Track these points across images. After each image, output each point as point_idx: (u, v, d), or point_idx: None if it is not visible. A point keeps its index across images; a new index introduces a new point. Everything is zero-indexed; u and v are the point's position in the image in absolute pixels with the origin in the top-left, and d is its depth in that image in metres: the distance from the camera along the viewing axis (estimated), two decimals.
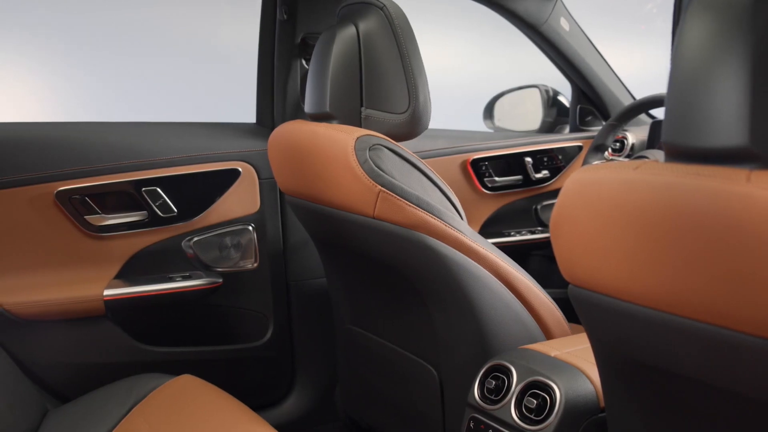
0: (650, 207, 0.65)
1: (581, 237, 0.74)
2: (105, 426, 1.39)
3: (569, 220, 0.76)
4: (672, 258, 0.63)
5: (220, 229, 1.76)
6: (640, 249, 0.67)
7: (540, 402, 1.08)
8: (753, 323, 0.59)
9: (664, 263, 0.65)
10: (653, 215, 0.65)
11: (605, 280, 0.73)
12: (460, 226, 1.27)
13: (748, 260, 0.57)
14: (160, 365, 1.68)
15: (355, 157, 1.23)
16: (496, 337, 1.28)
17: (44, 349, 1.65)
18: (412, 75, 1.31)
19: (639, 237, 0.67)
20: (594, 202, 0.72)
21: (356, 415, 1.72)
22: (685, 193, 0.62)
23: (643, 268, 0.67)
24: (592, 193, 0.73)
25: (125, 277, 1.69)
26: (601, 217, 0.71)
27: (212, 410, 1.38)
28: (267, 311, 1.84)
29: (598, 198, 0.72)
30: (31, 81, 2.50)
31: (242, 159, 1.76)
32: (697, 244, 0.61)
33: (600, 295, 0.75)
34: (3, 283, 1.60)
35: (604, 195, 0.71)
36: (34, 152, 1.61)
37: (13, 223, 1.60)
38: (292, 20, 1.74)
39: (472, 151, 2.06)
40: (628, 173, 0.69)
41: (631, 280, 0.69)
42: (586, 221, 0.73)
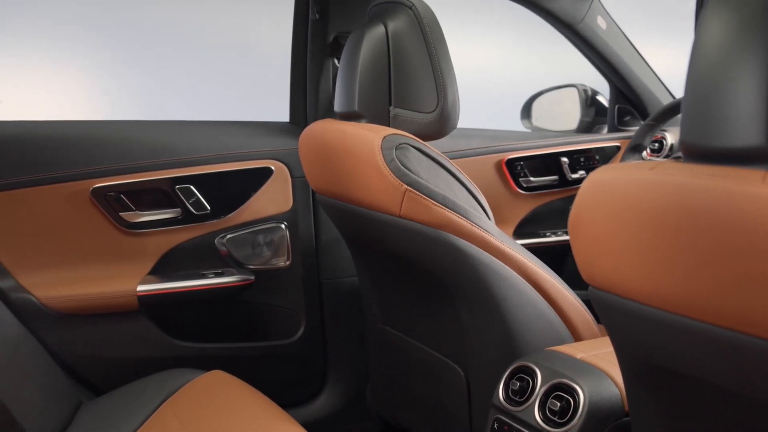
0: (663, 207, 0.64)
1: (598, 238, 0.73)
2: (137, 419, 1.41)
3: (586, 221, 0.75)
4: (683, 259, 0.62)
5: (253, 227, 1.78)
6: (653, 250, 0.66)
7: (564, 404, 1.07)
8: (764, 326, 0.57)
9: (676, 265, 0.63)
10: (666, 216, 0.64)
11: (621, 282, 0.72)
12: (486, 226, 1.26)
13: (760, 263, 0.56)
14: (191, 360, 1.70)
15: (381, 156, 1.23)
16: (523, 338, 1.27)
17: (79, 342, 1.69)
18: (441, 74, 1.31)
19: (652, 238, 0.65)
20: (609, 203, 0.71)
21: (387, 415, 1.72)
22: (697, 193, 0.61)
23: (655, 269, 0.66)
24: (608, 194, 0.71)
25: (159, 273, 1.72)
26: (616, 218, 0.70)
27: (241, 406, 1.39)
28: (299, 309, 1.85)
29: (613, 198, 0.70)
30: (71, 79, 2.55)
31: (275, 158, 1.77)
32: (708, 245, 0.60)
33: (617, 297, 0.74)
34: (40, 278, 1.64)
35: (619, 195, 0.70)
36: (71, 150, 1.65)
37: (50, 220, 1.64)
38: (324, 20, 1.75)
39: (507, 150, 2.05)
40: (644, 173, 0.68)
41: (645, 281, 0.68)
42: (602, 222, 0.72)
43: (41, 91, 2.33)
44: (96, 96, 2.63)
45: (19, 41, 2.28)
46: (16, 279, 1.62)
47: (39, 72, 2.34)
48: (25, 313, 1.61)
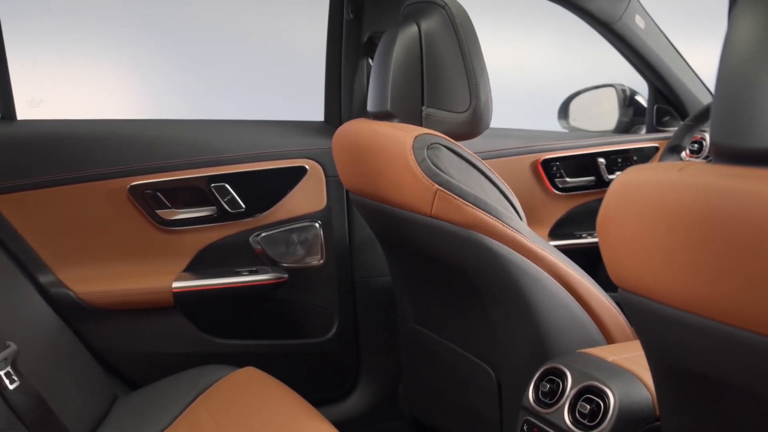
0: (689, 209, 0.63)
1: (625, 239, 0.73)
2: (170, 414, 1.44)
3: (614, 221, 0.74)
4: (709, 262, 0.61)
5: (287, 226, 1.79)
6: (679, 252, 0.65)
7: (593, 407, 1.06)
8: None
9: (702, 267, 0.62)
10: (692, 217, 0.63)
11: (648, 284, 0.71)
12: (518, 226, 1.25)
13: None
14: (225, 357, 1.72)
15: (413, 155, 1.23)
16: (554, 339, 1.26)
17: (115, 337, 1.72)
18: (474, 74, 1.30)
19: (678, 239, 0.65)
20: (637, 204, 0.70)
21: (418, 414, 1.72)
22: (724, 195, 0.60)
23: (681, 271, 0.65)
24: (636, 195, 0.71)
25: (194, 270, 1.74)
26: (644, 219, 0.69)
27: (272, 403, 1.40)
28: (332, 308, 1.86)
29: (641, 199, 0.70)
30: (112, 79, 2.59)
31: (309, 157, 1.78)
32: (734, 247, 0.59)
33: (644, 299, 0.73)
34: (78, 274, 1.67)
35: (646, 196, 0.69)
36: (110, 148, 1.68)
37: (88, 216, 1.67)
38: (359, 20, 1.76)
39: (543, 151, 2.03)
40: (672, 174, 0.67)
41: (671, 283, 0.67)
42: (630, 223, 0.71)
43: (82, 90, 2.37)
44: (135, 95, 2.67)
45: (60, 40, 2.32)
46: (55, 274, 1.66)
47: (80, 71, 2.38)
48: (64, 308, 1.64)
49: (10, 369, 1.33)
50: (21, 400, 1.34)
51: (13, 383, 1.33)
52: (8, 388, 1.32)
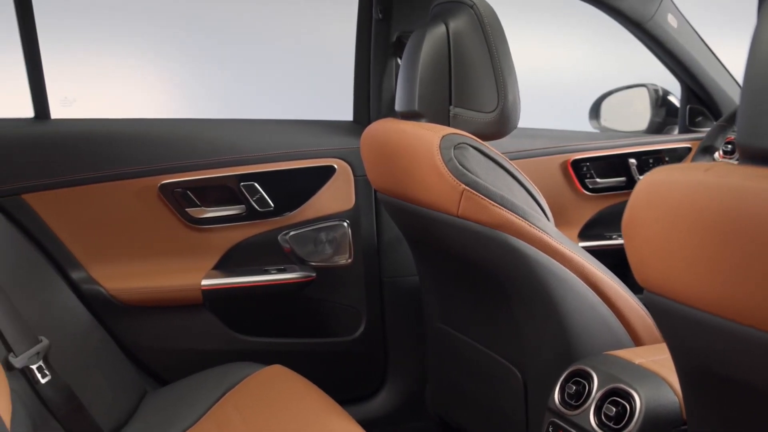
0: (714, 209, 0.62)
1: (650, 240, 0.72)
2: (198, 410, 1.45)
3: (639, 222, 0.74)
4: (733, 263, 0.60)
5: (316, 225, 1.80)
6: (703, 253, 0.64)
7: (620, 410, 1.05)
8: None
9: (725, 268, 0.62)
10: (716, 218, 0.62)
11: (672, 285, 0.71)
12: (545, 227, 1.24)
13: None
14: (252, 354, 1.73)
15: (440, 155, 1.23)
16: (581, 341, 1.25)
17: (145, 334, 1.74)
18: (502, 74, 1.30)
19: (702, 241, 0.64)
20: (662, 205, 0.69)
21: (444, 414, 1.72)
22: (749, 196, 0.59)
23: (704, 272, 0.64)
24: (661, 195, 0.70)
25: (222, 268, 1.76)
26: (668, 220, 0.68)
27: (299, 401, 1.41)
28: (360, 307, 1.86)
29: (666, 200, 0.69)
30: (146, 78, 2.62)
31: (338, 156, 1.79)
32: (757, 249, 0.58)
33: (669, 301, 0.73)
34: (109, 270, 1.70)
35: (671, 197, 0.68)
36: (141, 147, 1.70)
37: (119, 214, 1.69)
38: (388, 19, 1.76)
39: (573, 151, 2.02)
40: (697, 175, 0.66)
41: (695, 285, 0.66)
42: (654, 224, 0.71)
43: (114, 89, 2.40)
44: (167, 93, 2.69)
45: (92, 39, 2.35)
46: (87, 271, 1.68)
47: (112, 70, 2.41)
48: (95, 304, 1.67)
49: (42, 363, 1.36)
50: (53, 394, 1.36)
51: (45, 377, 1.35)
52: (40, 382, 1.34)
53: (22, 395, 1.31)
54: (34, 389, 1.34)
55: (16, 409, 1.24)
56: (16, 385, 1.31)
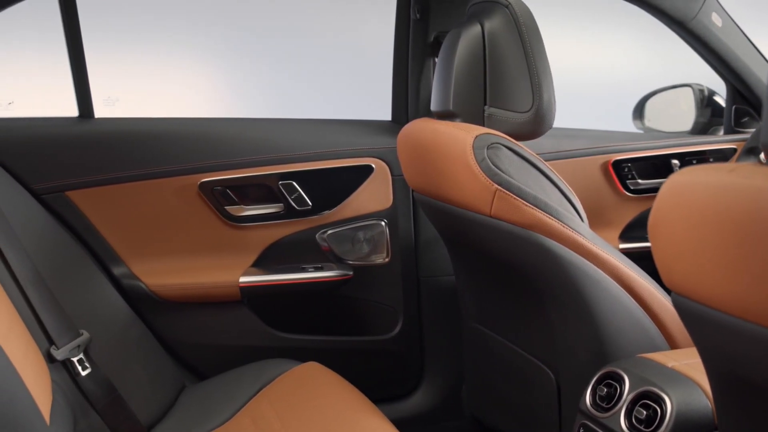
0: (737, 211, 0.62)
1: (675, 241, 0.71)
2: (234, 405, 1.47)
3: (663, 223, 0.73)
4: (756, 265, 0.60)
5: (353, 224, 1.81)
6: (726, 255, 0.63)
7: (650, 413, 1.04)
8: None
9: (748, 271, 0.61)
10: (739, 219, 0.61)
11: (696, 287, 0.70)
12: (578, 227, 1.23)
13: None
14: (288, 351, 1.75)
15: (473, 155, 1.23)
16: (615, 343, 1.24)
17: (184, 329, 1.77)
18: (537, 73, 1.29)
19: (725, 242, 0.63)
20: (685, 205, 0.69)
21: (480, 414, 1.72)
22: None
23: (728, 275, 0.63)
24: (685, 196, 0.69)
25: (261, 266, 1.78)
26: (691, 221, 0.68)
27: (333, 399, 1.42)
28: (397, 306, 1.87)
29: (690, 201, 0.68)
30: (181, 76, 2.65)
31: (376, 155, 1.80)
32: None
33: (694, 303, 0.72)
34: (149, 266, 1.73)
35: (695, 198, 0.68)
36: (181, 146, 1.73)
37: (160, 212, 1.73)
38: (425, 19, 1.76)
39: (615, 151, 1.99)
40: (722, 176, 0.65)
41: (719, 287, 0.65)
42: (679, 225, 0.70)
43: (155, 88, 2.44)
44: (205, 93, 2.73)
45: (134, 39, 2.39)
46: (128, 267, 1.72)
47: (153, 69, 2.45)
48: (136, 299, 1.71)
49: (83, 356, 1.39)
50: (92, 386, 1.39)
51: (85, 370, 1.39)
52: (81, 374, 1.38)
53: (63, 386, 1.35)
54: (75, 381, 1.38)
55: (57, 399, 1.28)
56: (58, 377, 1.34)
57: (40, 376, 1.26)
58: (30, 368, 1.22)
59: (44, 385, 1.26)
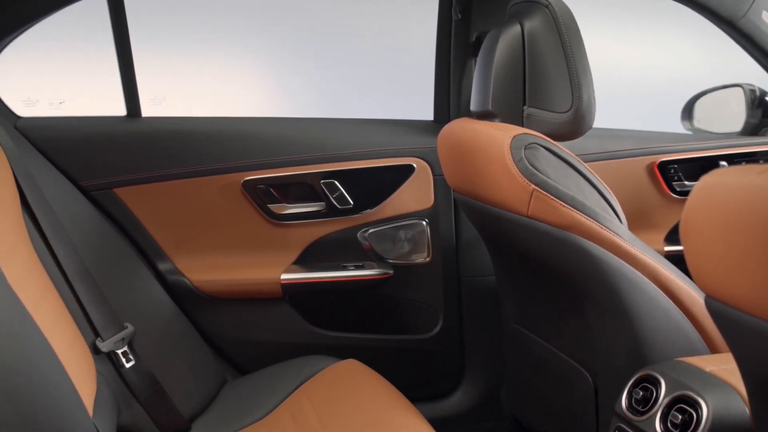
0: (764, 213, 0.61)
1: (705, 243, 0.70)
2: (274, 400, 1.50)
3: (694, 225, 0.72)
4: None
5: (395, 223, 1.82)
6: (756, 257, 0.62)
7: (686, 418, 1.03)
8: None
9: None
10: (766, 221, 0.60)
11: (726, 289, 0.69)
12: (617, 229, 1.22)
13: None
14: (329, 348, 1.77)
15: (510, 155, 1.23)
16: (653, 346, 1.22)
17: (226, 324, 1.80)
18: (576, 74, 1.28)
19: (756, 244, 0.62)
20: (714, 207, 0.68)
21: (519, 415, 1.71)
22: None
23: (755, 276, 0.63)
24: (714, 198, 0.68)
25: (302, 264, 1.80)
26: (721, 223, 0.67)
27: (370, 396, 1.43)
28: (437, 305, 1.87)
29: (719, 203, 0.67)
30: (233, 78, 2.68)
31: (417, 155, 1.80)
32: None
33: (725, 306, 0.71)
34: (193, 262, 1.77)
35: (723, 199, 0.67)
36: (226, 144, 1.76)
37: (204, 209, 1.76)
38: (466, 20, 1.76)
39: (661, 153, 1.96)
40: (751, 177, 0.64)
41: (749, 290, 0.65)
42: (708, 227, 0.69)
43: (201, 88, 2.48)
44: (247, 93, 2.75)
45: (179, 40, 2.43)
46: (173, 262, 1.76)
47: (199, 69, 2.48)
48: (179, 294, 1.74)
49: (127, 349, 1.43)
50: (136, 378, 1.43)
51: (129, 362, 1.43)
52: (125, 366, 1.42)
53: (107, 377, 1.39)
54: (119, 373, 1.42)
55: (101, 390, 1.31)
56: (102, 368, 1.38)
57: (85, 367, 1.30)
58: (75, 360, 1.26)
59: (89, 376, 1.30)
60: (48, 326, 1.20)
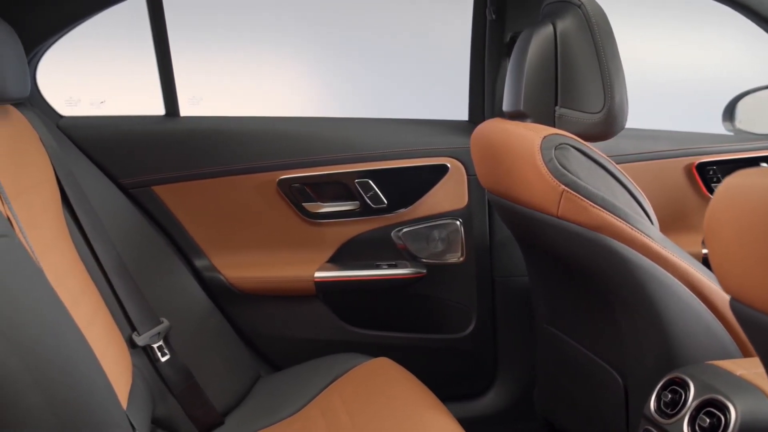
0: None
1: (727, 245, 0.70)
2: (306, 397, 1.52)
3: (717, 227, 0.72)
4: None
5: (428, 222, 1.82)
6: None
7: (714, 421, 1.01)
8: None
9: None
10: None
11: (748, 291, 0.68)
12: (648, 230, 1.21)
13: None
14: (361, 346, 1.79)
15: (540, 155, 1.23)
16: (684, 348, 1.21)
17: (260, 321, 1.83)
18: (608, 74, 1.28)
19: None
20: (737, 208, 0.68)
21: (551, 417, 1.70)
22: None
23: None
24: (736, 199, 0.68)
25: (336, 262, 1.82)
26: (744, 224, 0.67)
27: (400, 394, 1.44)
28: (470, 305, 1.87)
29: (741, 204, 0.67)
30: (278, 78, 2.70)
31: (451, 155, 1.81)
32: None
33: (749, 308, 0.70)
34: (229, 259, 1.80)
35: (745, 200, 0.66)
36: (261, 143, 1.78)
37: (240, 207, 1.79)
38: (501, 20, 1.76)
39: (699, 154, 1.94)
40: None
41: None
42: (731, 228, 0.69)
43: (236, 88, 2.50)
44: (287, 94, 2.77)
45: (216, 42, 2.46)
46: (209, 259, 1.79)
47: (232, 69, 2.51)
48: (215, 291, 1.77)
49: (162, 343, 1.46)
50: (171, 372, 1.46)
51: (164, 356, 1.46)
52: (160, 360, 1.45)
53: (143, 371, 1.42)
54: (155, 366, 1.45)
55: (137, 383, 1.35)
56: (138, 362, 1.42)
57: (121, 360, 1.33)
58: (111, 353, 1.29)
59: (125, 369, 1.33)
60: (85, 320, 1.23)
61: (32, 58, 1.68)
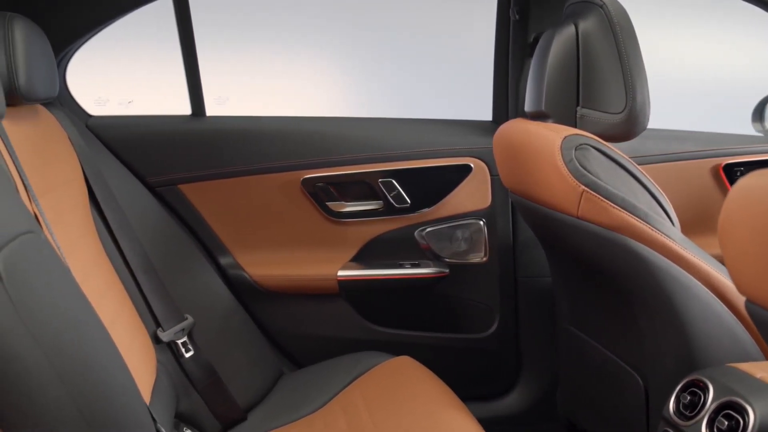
0: None
1: (741, 246, 0.70)
2: (328, 394, 1.53)
3: (731, 227, 0.72)
4: None
5: (452, 222, 1.83)
6: None
7: (732, 424, 1.01)
8: None
9: None
10: None
11: (763, 293, 0.68)
12: (668, 231, 1.21)
13: None
14: (383, 344, 1.80)
15: (560, 156, 1.23)
16: (704, 350, 1.20)
17: (284, 318, 1.84)
18: (630, 74, 1.27)
19: None
20: (750, 209, 0.68)
21: (572, 417, 1.70)
22: None
23: None
24: (750, 199, 0.68)
25: (359, 261, 1.83)
26: (757, 225, 0.67)
27: (421, 393, 1.45)
28: (493, 305, 1.87)
29: (755, 205, 0.67)
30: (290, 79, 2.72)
31: (474, 155, 1.81)
32: None
33: (763, 310, 0.70)
34: (253, 257, 1.82)
35: (759, 201, 0.66)
36: (286, 143, 1.80)
37: (265, 206, 1.81)
38: (524, 21, 1.76)
39: (726, 155, 1.92)
40: None
41: None
42: (744, 229, 0.69)
43: (262, 88, 2.52)
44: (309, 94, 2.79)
45: (241, 41, 2.48)
46: (234, 257, 1.81)
47: (260, 69, 2.52)
48: (239, 288, 1.80)
49: (186, 339, 1.48)
50: (194, 367, 1.49)
51: (188, 352, 1.48)
52: (184, 356, 1.47)
53: (167, 366, 1.44)
54: (179, 362, 1.47)
55: (161, 378, 1.37)
56: (163, 357, 1.44)
57: (146, 356, 1.35)
58: (136, 349, 1.32)
59: (149, 365, 1.35)
60: (111, 316, 1.26)
61: (62, 59, 1.71)
